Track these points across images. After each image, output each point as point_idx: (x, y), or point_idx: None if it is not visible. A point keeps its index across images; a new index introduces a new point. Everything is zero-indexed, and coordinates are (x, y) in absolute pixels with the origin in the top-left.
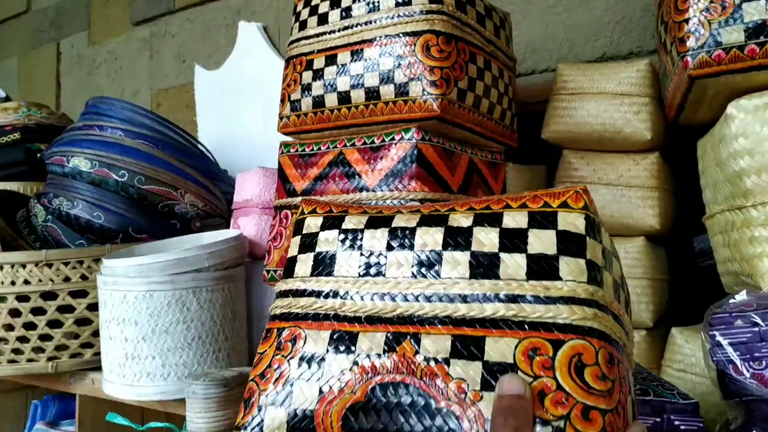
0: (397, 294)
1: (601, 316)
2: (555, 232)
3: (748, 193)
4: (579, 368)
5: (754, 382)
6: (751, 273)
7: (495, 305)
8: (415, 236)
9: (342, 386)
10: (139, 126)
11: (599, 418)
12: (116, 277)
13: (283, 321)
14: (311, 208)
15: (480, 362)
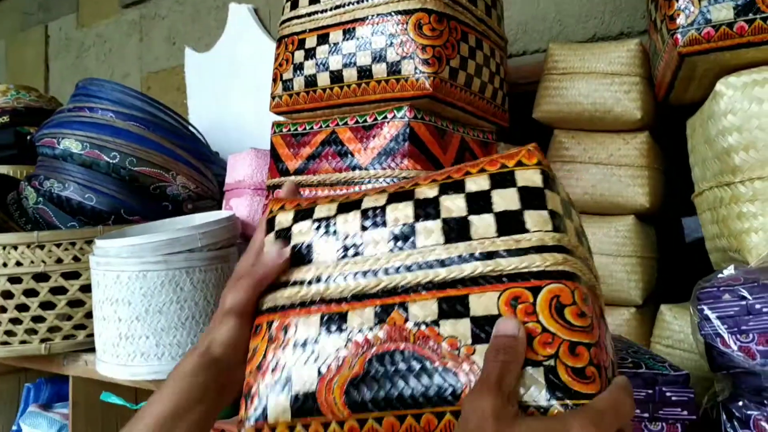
0: (379, 269)
1: (570, 259)
2: (516, 189)
3: (736, 169)
4: (559, 309)
5: (741, 355)
6: (739, 248)
7: (472, 264)
8: (386, 214)
9: (339, 363)
10: (129, 107)
11: (585, 352)
12: (109, 257)
13: (270, 314)
14: (279, 206)
15: (467, 318)
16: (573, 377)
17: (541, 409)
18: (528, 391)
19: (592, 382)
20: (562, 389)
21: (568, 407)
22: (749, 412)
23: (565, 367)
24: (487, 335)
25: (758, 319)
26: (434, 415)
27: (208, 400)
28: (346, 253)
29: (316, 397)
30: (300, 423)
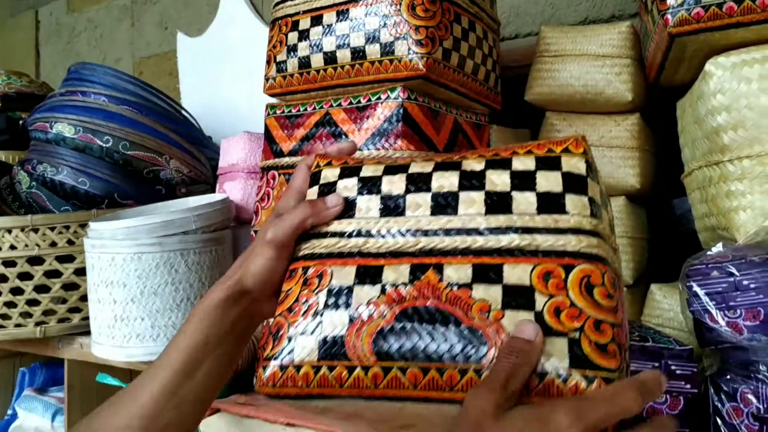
0: (418, 230)
1: (604, 245)
2: (560, 173)
3: (725, 148)
4: (589, 288)
5: (729, 330)
6: (728, 226)
7: (510, 236)
8: (431, 180)
9: (371, 313)
10: (122, 92)
11: (609, 330)
12: (104, 239)
13: (307, 260)
14: (326, 161)
15: (500, 285)
16: (596, 351)
17: (561, 377)
18: (550, 360)
19: (613, 358)
20: (584, 361)
21: (588, 378)
22: (736, 386)
23: (588, 341)
24: (518, 303)
25: (745, 295)
26: (458, 372)
27: (237, 332)
28: (388, 211)
29: (344, 342)
30: (326, 365)
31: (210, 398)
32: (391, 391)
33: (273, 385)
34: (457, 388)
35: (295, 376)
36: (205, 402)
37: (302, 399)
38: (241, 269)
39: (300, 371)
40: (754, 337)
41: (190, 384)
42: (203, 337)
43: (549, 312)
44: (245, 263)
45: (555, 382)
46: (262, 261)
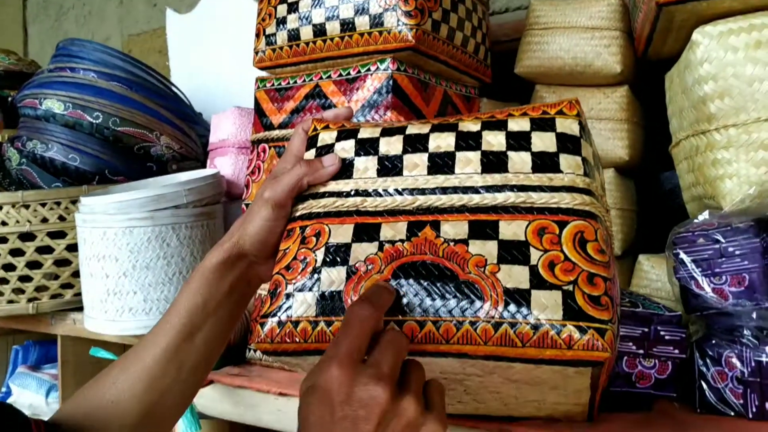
0: (415, 189)
1: (597, 204)
2: (554, 134)
3: (712, 117)
4: (582, 243)
5: (714, 297)
6: (714, 194)
7: (506, 194)
8: (428, 141)
9: (368, 268)
10: (112, 68)
11: (602, 283)
12: (95, 214)
13: (305, 220)
14: (323, 125)
15: (496, 241)
16: (589, 303)
17: (555, 329)
18: (544, 312)
19: (606, 310)
20: (578, 313)
21: (582, 329)
22: (721, 351)
23: (582, 294)
24: (513, 258)
25: (731, 261)
26: (453, 325)
27: (235, 295)
28: (386, 171)
29: (342, 297)
30: (323, 320)
31: (209, 363)
32: None
33: (271, 341)
34: (453, 340)
35: (292, 331)
36: (205, 366)
37: (299, 355)
38: (238, 231)
39: (298, 327)
40: (738, 302)
41: (190, 347)
42: (202, 300)
43: (543, 266)
44: (243, 225)
45: (549, 333)
46: (259, 222)
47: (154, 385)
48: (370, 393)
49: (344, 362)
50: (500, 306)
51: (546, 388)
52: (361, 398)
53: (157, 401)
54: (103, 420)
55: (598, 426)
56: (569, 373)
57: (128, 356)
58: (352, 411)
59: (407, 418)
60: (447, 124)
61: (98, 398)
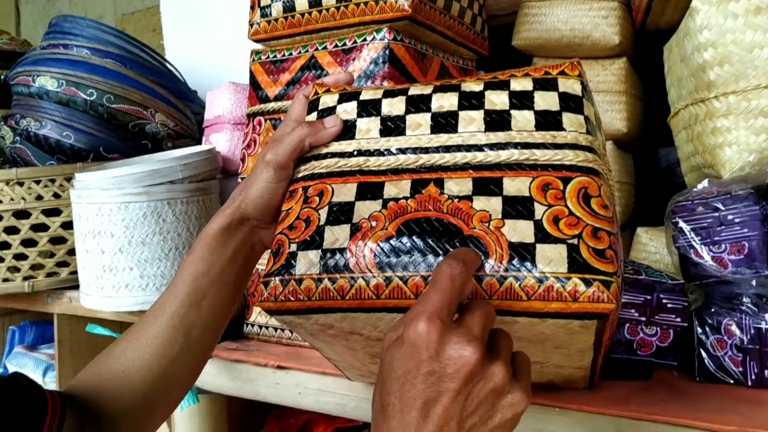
0: (419, 148)
1: (599, 161)
2: (557, 93)
3: (711, 84)
4: (586, 198)
5: (713, 265)
6: (713, 163)
7: (509, 152)
8: (431, 101)
9: (373, 225)
10: (105, 44)
11: (606, 237)
12: (90, 189)
13: (307, 181)
14: (324, 89)
15: (500, 197)
16: (594, 256)
17: (561, 282)
18: (549, 265)
19: (611, 263)
20: (583, 265)
21: (587, 282)
22: (720, 319)
23: (587, 247)
24: (517, 213)
25: (730, 229)
26: None
27: (239, 261)
28: (388, 131)
29: (346, 254)
30: (327, 278)
31: (216, 331)
32: (393, 302)
33: (274, 300)
34: None
35: (296, 289)
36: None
37: (303, 313)
38: (240, 195)
39: (302, 285)
40: (738, 270)
41: (196, 314)
42: (206, 267)
43: (548, 220)
44: (244, 189)
45: (554, 286)
46: (261, 184)
47: (163, 354)
48: (460, 352)
49: (434, 318)
50: (505, 260)
51: (549, 347)
52: (451, 356)
53: (166, 370)
54: (114, 390)
55: (598, 393)
56: (574, 327)
57: (136, 327)
58: (439, 367)
59: (494, 383)
60: (449, 85)
61: (108, 369)
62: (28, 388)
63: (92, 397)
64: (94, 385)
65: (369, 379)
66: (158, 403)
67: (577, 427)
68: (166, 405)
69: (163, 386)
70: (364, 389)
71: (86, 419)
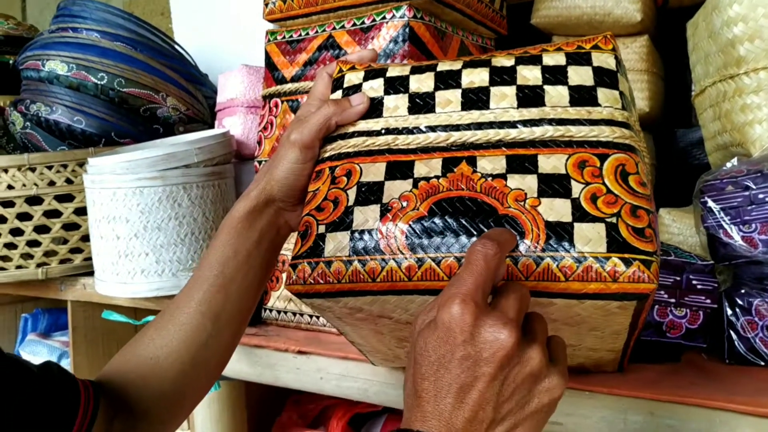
0: (449, 125)
1: (636, 137)
2: (591, 68)
3: (741, 60)
4: (624, 175)
5: (744, 245)
6: (742, 141)
7: (544, 128)
8: (461, 77)
9: (404, 205)
10: (115, 27)
11: (645, 216)
12: (104, 174)
13: (334, 161)
14: (348, 66)
15: (535, 175)
16: (633, 235)
17: (600, 261)
18: (588, 245)
19: (650, 242)
20: (622, 245)
21: (627, 261)
22: (751, 300)
23: (626, 226)
24: (554, 191)
25: (761, 208)
26: None
27: (264, 244)
28: (417, 108)
29: (377, 235)
30: (357, 259)
31: (245, 316)
32: (425, 284)
33: (303, 282)
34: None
35: (326, 272)
36: (240, 319)
37: (333, 296)
38: (265, 177)
39: (331, 267)
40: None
41: (223, 299)
42: (232, 251)
43: (585, 198)
44: (269, 170)
45: (593, 266)
46: (286, 164)
47: (192, 340)
48: (495, 335)
49: (468, 300)
50: (542, 240)
51: (584, 329)
52: (486, 339)
53: (195, 357)
54: (143, 377)
55: (627, 376)
56: (612, 309)
57: (164, 314)
58: (475, 351)
59: (531, 367)
60: (480, 60)
61: (137, 356)
62: (61, 377)
63: (122, 386)
64: (124, 373)
65: (393, 364)
66: (187, 389)
67: (609, 410)
68: (195, 392)
69: (192, 373)
70: (387, 374)
71: (117, 408)
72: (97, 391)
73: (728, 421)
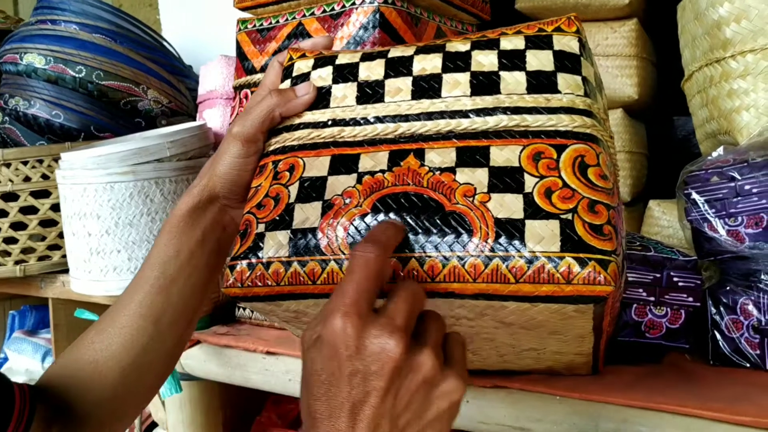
0: (398, 115)
1: (598, 126)
2: (551, 51)
3: (727, 43)
4: (583, 168)
5: (729, 240)
6: (729, 129)
7: (498, 117)
8: (412, 63)
9: (346, 202)
10: (94, 19)
11: (604, 211)
12: (75, 170)
13: (278, 154)
14: (299, 54)
15: (486, 168)
16: (590, 232)
17: (553, 262)
18: (540, 244)
19: (609, 241)
20: (578, 243)
21: (582, 261)
22: (736, 297)
23: (582, 223)
24: (505, 186)
25: (747, 200)
26: (439, 261)
27: (209, 244)
28: (365, 98)
29: (317, 235)
30: (297, 260)
31: (189, 318)
32: None
33: (241, 285)
34: (439, 278)
35: (264, 274)
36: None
37: (272, 299)
38: (207, 173)
39: (269, 269)
40: (756, 245)
41: (165, 301)
42: (174, 250)
43: (539, 193)
44: (211, 166)
45: (545, 267)
46: (228, 159)
47: (132, 343)
48: (382, 346)
49: (350, 312)
50: (491, 239)
51: (544, 333)
52: (373, 351)
53: (136, 361)
54: (82, 382)
55: (601, 379)
56: (569, 312)
57: (105, 316)
58: (363, 366)
59: (424, 373)
60: (433, 45)
61: (77, 361)
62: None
63: (62, 390)
64: (63, 378)
65: None
66: (130, 394)
67: (580, 416)
68: (139, 396)
69: (134, 377)
70: None
71: (56, 413)
72: (34, 396)
73: (703, 428)
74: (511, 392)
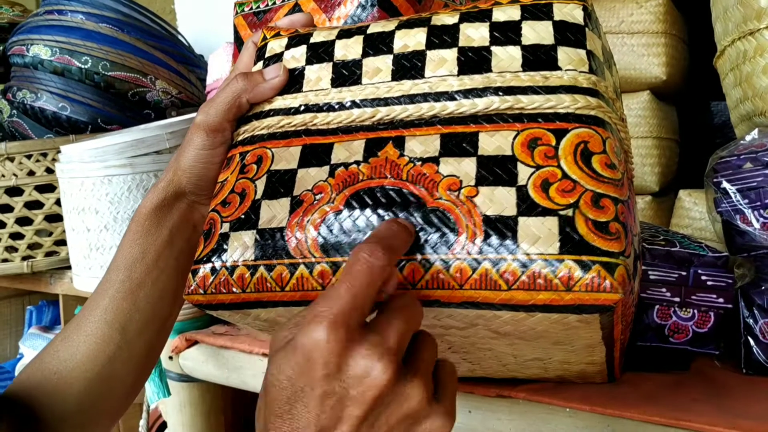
0: (376, 99)
1: (605, 107)
2: (551, 22)
3: (762, 12)
4: (586, 156)
5: (764, 233)
6: (765, 109)
7: (488, 99)
8: (393, 39)
9: (316, 199)
10: (101, 8)
11: (611, 206)
12: (72, 163)
13: (246, 145)
14: (273, 33)
15: (474, 158)
16: (593, 231)
17: (551, 266)
18: (536, 243)
19: (616, 240)
20: (579, 244)
21: (584, 265)
22: None
23: (585, 220)
24: (495, 178)
25: None
26: (420, 264)
27: (178, 243)
28: (341, 80)
29: (285, 235)
30: (263, 264)
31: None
32: None
33: (204, 292)
34: (420, 284)
35: (228, 279)
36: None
37: (237, 308)
38: (172, 167)
39: (234, 274)
40: None
41: (131, 307)
42: (140, 251)
43: (534, 186)
44: (176, 159)
45: (542, 272)
46: (192, 151)
47: (98, 353)
48: (367, 368)
49: (339, 324)
50: (479, 239)
51: (546, 343)
52: (355, 374)
53: (102, 372)
54: (48, 394)
55: (617, 388)
56: (571, 323)
57: (71, 323)
58: (340, 388)
59: (408, 407)
60: (418, 19)
61: (42, 371)
62: None
63: (27, 402)
64: (28, 389)
65: None
66: (98, 406)
67: (591, 431)
68: (110, 408)
69: (102, 389)
70: None
71: (22, 426)
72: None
73: None
74: (516, 402)
